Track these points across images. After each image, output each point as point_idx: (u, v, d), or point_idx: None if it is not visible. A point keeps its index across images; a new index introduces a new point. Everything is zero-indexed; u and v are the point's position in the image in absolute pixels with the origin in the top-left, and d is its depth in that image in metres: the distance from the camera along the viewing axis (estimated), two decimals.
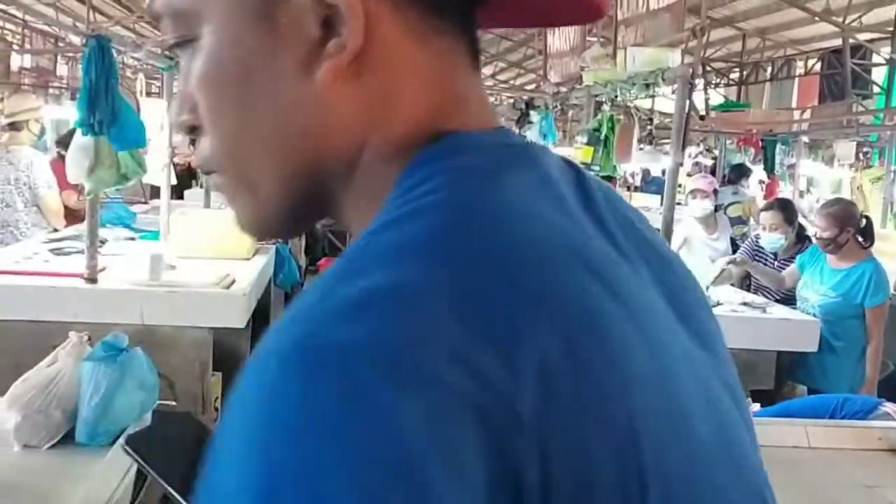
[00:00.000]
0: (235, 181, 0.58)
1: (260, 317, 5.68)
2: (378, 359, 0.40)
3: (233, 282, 3.64)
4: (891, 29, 10.37)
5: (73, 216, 5.20)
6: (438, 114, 0.55)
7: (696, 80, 12.29)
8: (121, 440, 0.83)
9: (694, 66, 4.99)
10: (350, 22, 0.51)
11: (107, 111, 3.19)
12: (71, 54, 11.60)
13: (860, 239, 3.86)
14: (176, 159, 5.94)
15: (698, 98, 11.66)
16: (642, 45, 5.32)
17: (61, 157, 5.15)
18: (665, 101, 7.53)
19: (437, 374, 0.40)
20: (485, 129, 0.56)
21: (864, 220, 3.94)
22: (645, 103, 8.03)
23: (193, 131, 0.58)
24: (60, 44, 11.61)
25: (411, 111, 0.55)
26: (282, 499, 0.38)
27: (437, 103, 0.55)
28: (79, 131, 3.39)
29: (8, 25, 12.19)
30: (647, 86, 4.30)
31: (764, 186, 9.68)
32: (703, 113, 8.74)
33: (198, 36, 0.55)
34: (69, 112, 7.21)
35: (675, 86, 3.92)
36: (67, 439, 2.03)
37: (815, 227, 4.00)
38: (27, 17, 11.16)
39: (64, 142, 5.28)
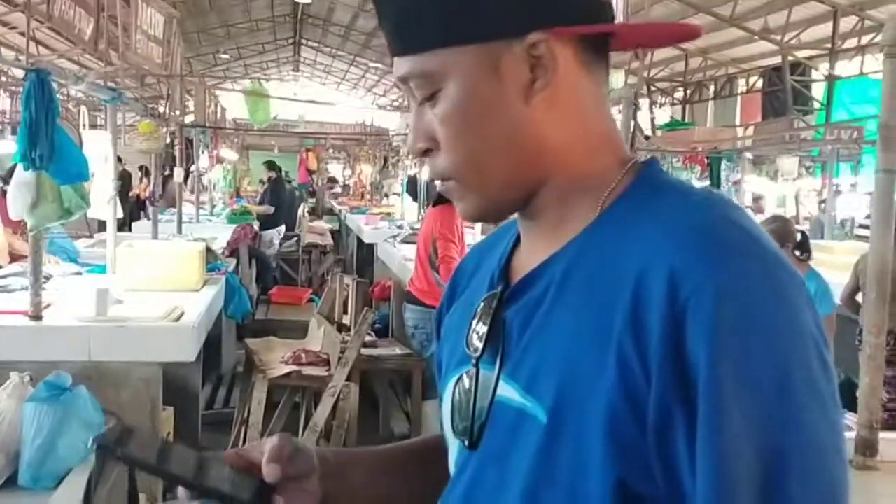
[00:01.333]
0: (468, 185, 0.81)
1: (210, 348, 5.60)
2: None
3: (182, 314, 3.57)
4: (828, 46, 10.68)
5: (17, 253, 5.08)
6: (612, 126, 0.84)
7: (641, 100, 12.49)
8: (91, 444, 0.82)
9: (637, 86, 5.07)
10: (550, 64, 0.77)
11: (47, 145, 3.12)
12: (14, 88, 11.39)
13: (797, 253, 3.95)
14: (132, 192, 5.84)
15: (644, 118, 11.87)
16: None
17: (3, 193, 5.03)
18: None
19: None
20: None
21: (799, 235, 4.02)
22: None
23: (426, 153, 0.82)
24: (3, 78, 11.41)
25: (593, 125, 0.81)
26: None
27: (606, 119, 0.83)
28: (20, 166, 3.32)
29: None
30: None
31: None
32: (648, 133, 8.88)
33: (442, 87, 0.79)
34: (12, 147, 7.07)
35: (620, 106, 3.98)
36: (10, 483, 1.97)
37: None
38: None
39: (6, 177, 5.17)
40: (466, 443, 0.82)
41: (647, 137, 5.31)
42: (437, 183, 0.88)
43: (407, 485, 0.98)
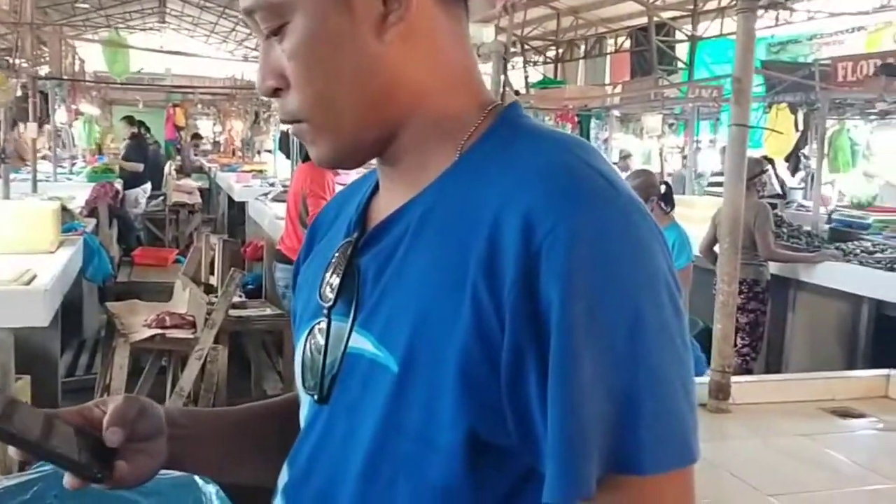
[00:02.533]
0: (320, 126, 0.77)
1: (70, 313, 5.34)
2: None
3: (33, 277, 3.36)
4: (691, 7, 11.04)
5: None
6: (472, 67, 0.80)
7: (515, 58, 12.58)
8: None
9: (507, 41, 5.08)
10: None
11: None
12: None
13: (662, 205, 4.08)
14: None
15: (518, 76, 11.98)
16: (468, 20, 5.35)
17: None
18: (486, 79, 7.65)
19: None
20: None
21: (664, 187, 4.16)
22: None
23: (276, 93, 0.78)
24: None
25: (451, 63, 0.78)
26: None
27: (466, 60, 0.79)
28: None
29: None
30: None
31: None
32: (521, 90, 8.98)
33: (289, 21, 0.75)
34: None
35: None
36: None
37: None
38: None
39: None
40: (316, 397, 0.79)
41: (517, 93, 5.34)
42: (289, 127, 0.82)
43: (262, 443, 0.95)
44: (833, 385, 2.53)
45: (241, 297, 5.01)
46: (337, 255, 0.82)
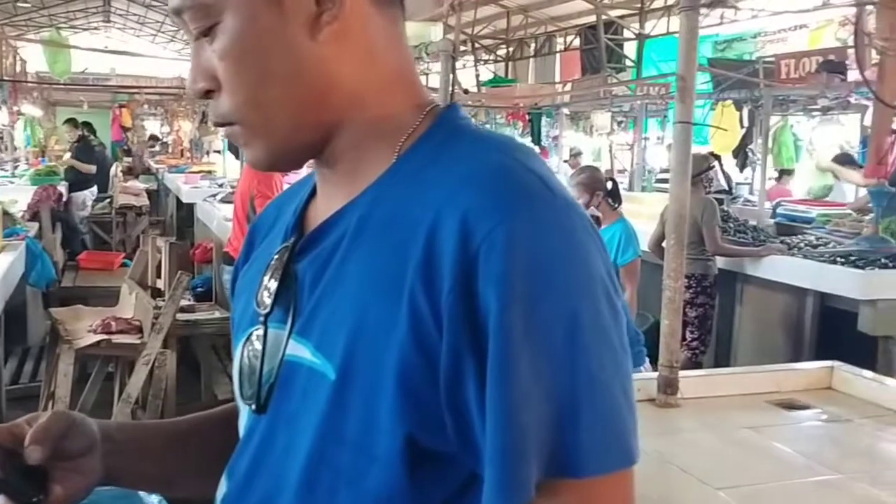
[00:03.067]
0: (253, 128, 0.75)
1: (14, 319, 5.21)
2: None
3: None
4: (638, 6, 11.18)
5: None
6: (409, 68, 0.79)
7: (466, 57, 12.58)
8: None
9: (455, 40, 5.08)
10: None
11: None
12: None
13: (610, 201, 4.12)
14: None
15: (469, 74, 12.00)
16: (405, 20, 5.34)
17: None
18: (435, 78, 7.65)
19: None
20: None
21: (610, 183, 4.20)
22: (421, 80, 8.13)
23: (207, 95, 0.76)
24: None
25: (387, 64, 0.76)
26: None
27: (402, 60, 0.78)
28: None
29: None
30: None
31: None
32: (473, 88, 8.99)
33: (219, 21, 0.73)
34: None
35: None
36: None
37: None
38: None
39: None
40: (254, 406, 0.77)
41: (466, 92, 5.34)
42: (222, 130, 0.80)
43: (206, 454, 0.92)
44: (778, 377, 2.57)
45: (189, 300, 4.93)
46: (274, 260, 0.80)
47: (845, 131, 8.30)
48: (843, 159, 7.23)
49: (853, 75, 5.56)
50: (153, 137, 17.53)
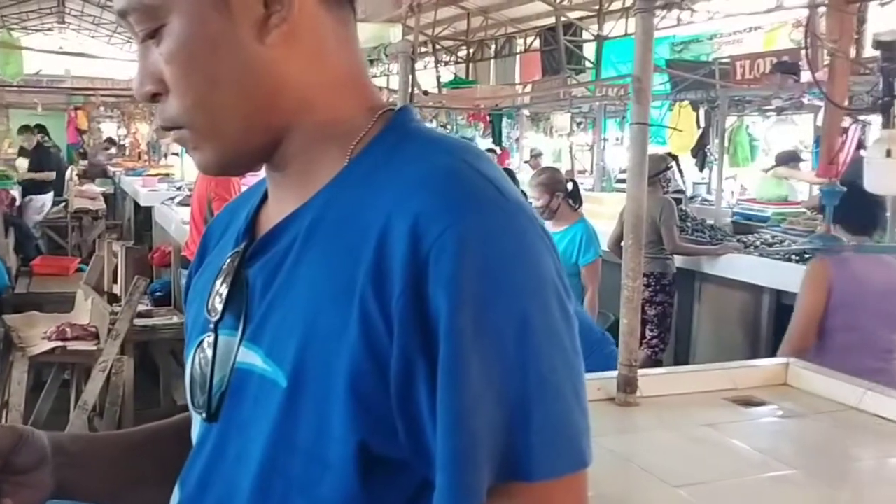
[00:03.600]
0: (202, 133, 0.74)
1: None
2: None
3: None
4: (597, 8, 11.27)
5: None
6: (361, 70, 0.79)
7: (426, 58, 12.58)
8: None
9: (414, 41, 5.07)
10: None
11: None
12: None
13: (570, 202, 4.14)
14: None
15: (430, 76, 12.00)
16: (364, 21, 5.33)
17: None
18: (396, 79, 7.63)
19: None
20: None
21: (571, 184, 4.22)
22: (380, 81, 8.12)
23: (154, 98, 0.74)
24: None
25: (338, 67, 0.75)
26: None
27: (354, 63, 0.77)
28: None
29: None
30: (371, 62, 4.30)
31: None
32: (433, 90, 8.98)
33: (165, 23, 0.71)
34: None
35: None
36: None
37: (529, 197, 4.21)
38: None
39: None
40: (205, 415, 0.76)
41: (425, 93, 5.34)
42: (170, 133, 0.79)
43: (162, 465, 0.91)
44: (735, 374, 2.60)
45: (147, 305, 4.86)
46: (226, 265, 0.79)
47: (799, 131, 8.44)
48: (786, 157, 7.36)
49: (806, 76, 5.66)
50: (109, 140, 17.24)
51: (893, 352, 2.94)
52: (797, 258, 4.53)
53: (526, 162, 10.05)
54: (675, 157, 7.22)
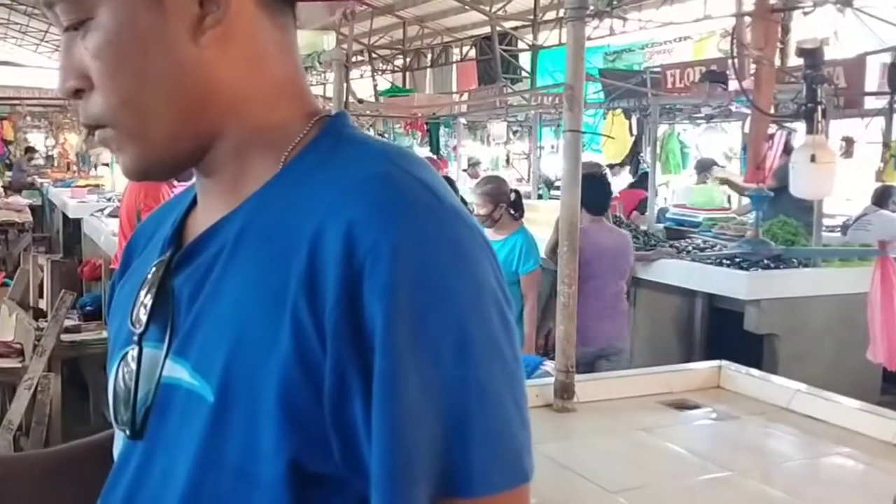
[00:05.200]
0: (127, 133, 0.71)
1: None
2: None
3: None
4: (531, 17, 11.39)
5: None
6: (298, 76, 0.75)
7: (363, 66, 12.53)
8: None
9: (349, 49, 5.04)
10: (221, 0, 0.68)
11: None
12: None
13: (512, 211, 4.15)
14: None
15: (367, 84, 11.98)
16: (297, 28, 5.28)
17: None
18: (329, 88, 7.58)
19: None
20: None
21: (513, 194, 4.23)
22: (316, 90, 8.06)
23: (78, 94, 0.71)
24: None
25: (274, 71, 0.73)
26: None
27: (291, 68, 0.75)
28: None
29: None
30: (306, 69, 4.25)
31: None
32: (370, 98, 8.96)
33: (93, 15, 0.68)
34: None
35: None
36: None
37: (472, 205, 4.21)
38: None
39: None
40: (128, 432, 0.73)
41: (360, 101, 5.30)
42: (95, 133, 0.75)
43: (85, 485, 0.86)
44: (670, 378, 2.64)
45: (75, 320, 4.72)
46: (151, 275, 0.76)
47: (729, 139, 8.65)
48: (704, 165, 7.54)
49: (734, 85, 5.80)
50: (29, 150, 16.73)
51: (620, 294, 4.21)
52: (728, 262, 4.62)
53: (464, 170, 10.09)
54: (611, 166, 7.33)
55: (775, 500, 1.89)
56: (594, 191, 3.97)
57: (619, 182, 8.20)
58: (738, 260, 4.59)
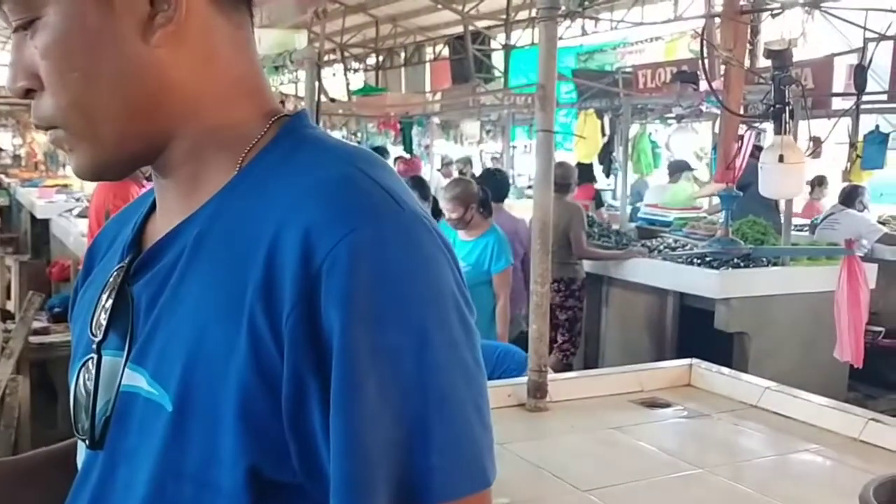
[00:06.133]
0: (78, 134, 0.70)
1: None
2: None
3: None
4: (504, 17, 11.38)
5: None
6: (255, 75, 0.75)
7: (335, 65, 12.46)
8: None
9: (321, 48, 5.02)
10: None
11: None
12: None
13: (481, 210, 4.16)
14: None
15: (339, 83, 11.92)
16: (268, 27, 5.25)
17: None
18: (300, 87, 7.53)
19: None
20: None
21: (482, 193, 4.24)
22: (287, 89, 8.02)
23: (28, 94, 0.70)
24: None
25: (230, 71, 0.72)
26: None
27: (248, 67, 0.73)
28: None
29: None
30: (277, 68, 4.23)
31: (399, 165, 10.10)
32: (343, 97, 8.93)
33: (41, 15, 0.67)
34: None
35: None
36: None
37: (443, 209, 4.19)
38: None
39: None
40: (88, 442, 0.72)
41: (332, 100, 5.28)
42: (46, 134, 0.74)
43: (48, 494, 0.85)
44: (641, 377, 2.66)
45: (44, 321, 4.65)
46: (111, 281, 0.75)
47: (699, 139, 8.72)
48: (677, 167, 7.61)
49: (705, 85, 5.85)
50: None
51: (515, 272, 4.26)
52: (699, 261, 4.66)
53: (438, 170, 10.07)
54: (585, 166, 7.36)
55: (745, 497, 1.92)
56: (496, 182, 4.84)
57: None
58: (708, 259, 4.63)
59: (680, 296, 4.73)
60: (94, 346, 0.73)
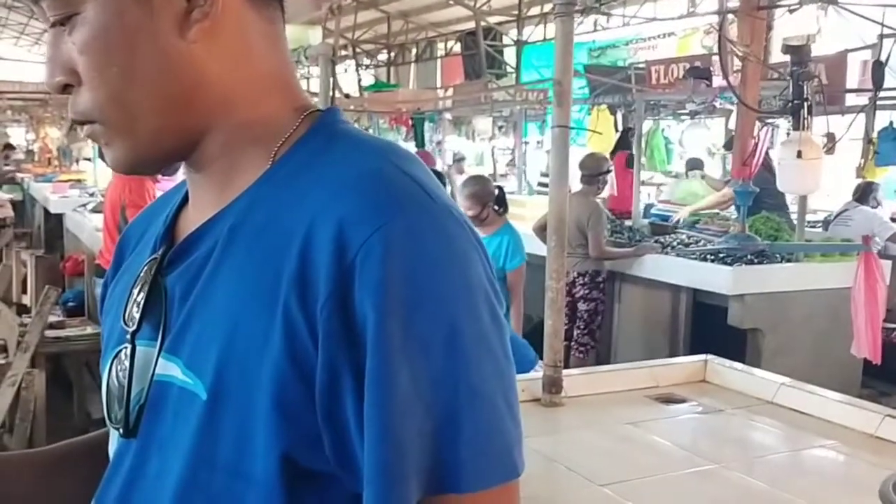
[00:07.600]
0: (115, 128, 0.71)
1: None
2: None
3: None
4: (516, 13, 11.36)
5: None
6: (287, 70, 0.75)
7: (347, 61, 12.49)
8: None
9: (335, 44, 5.03)
10: None
11: None
12: None
13: (496, 208, 4.16)
14: None
15: (351, 79, 11.93)
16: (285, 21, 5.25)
17: None
18: (316, 82, 7.55)
19: None
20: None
21: (497, 191, 4.25)
22: (302, 85, 8.00)
23: (66, 89, 0.71)
24: None
25: (263, 65, 0.73)
26: None
27: (280, 62, 0.74)
28: None
29: None
30: None
31: None
32: (354, 93, 8.94)
33: (79, 10, 0.68)
34: None
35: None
36: None
37: (460, 206, 4.18)
38: None
39: None
40: (122, 430, 0.73)
41: (347, 96, 5.28)
42: (83, 128, 0.74)
43: (81, 483, 0.86)
44: (656, 373, 2.66)
45: (59, 315, 4.69)
46: (143, 273, 0.75)
47: (712, 135, 8.70)
48: (693, 165, 7.59)
49: (718, 81, 5.83)
50: (7, 146, 16.53)
51: None
52: (713, 258, 4.65)
53: (449, 166, 10.07)
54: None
55: (760, 492, 1.92)
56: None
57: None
58: (721, 255, 4.62)
59: (693, 292, 4.73)
60: (129, 336, 0.74)
